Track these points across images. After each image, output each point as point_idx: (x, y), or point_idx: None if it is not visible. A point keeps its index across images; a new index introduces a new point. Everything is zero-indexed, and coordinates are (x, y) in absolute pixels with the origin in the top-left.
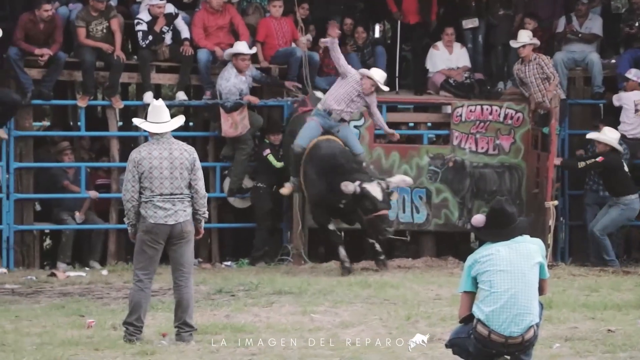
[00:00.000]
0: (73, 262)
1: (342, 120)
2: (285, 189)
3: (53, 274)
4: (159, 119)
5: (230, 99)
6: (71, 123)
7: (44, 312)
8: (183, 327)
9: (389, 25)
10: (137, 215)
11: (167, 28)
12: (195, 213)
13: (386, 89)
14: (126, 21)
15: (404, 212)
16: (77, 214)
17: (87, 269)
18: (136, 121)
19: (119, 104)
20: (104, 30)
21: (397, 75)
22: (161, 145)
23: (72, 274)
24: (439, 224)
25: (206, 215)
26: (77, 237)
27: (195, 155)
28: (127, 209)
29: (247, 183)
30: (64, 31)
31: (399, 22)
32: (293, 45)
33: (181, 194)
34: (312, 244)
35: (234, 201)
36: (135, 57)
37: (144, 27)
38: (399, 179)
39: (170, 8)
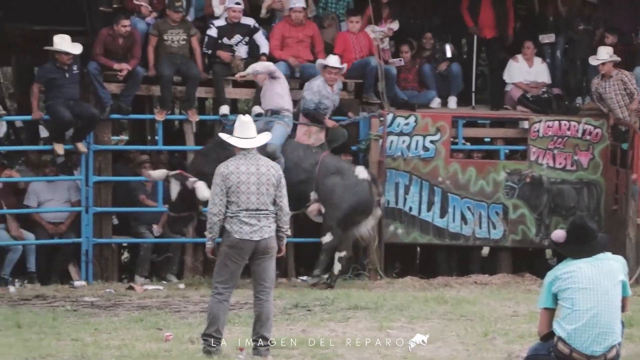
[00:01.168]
0: (151, 275)
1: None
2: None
3: (131, 287)
4: (246, 134)
5: (311, 104)
6: (149, 137)
7: (122, 325)
8: (261, 341)
9: (464, 41)
10: (221, 229)
11: (242, 39)
12: (278, 230)
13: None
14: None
15: (480, 227)
16: (154, 227)
17: (164, 282)
18: (223, 136)
19: (195, 117)
20: (181, 42)
21: (473, 90)
22: (248, 160)
23: (149, 287)
24: (516, 240)
25: (288, 232)
26: (155, 250)
27: (281, 172)
28: (212, 223)
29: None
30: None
31: (475, 36)
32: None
33: (266, 209)
34: (389, 259)
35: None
36: (211, 71)
37: (213, 32)
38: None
39: (250, 21)
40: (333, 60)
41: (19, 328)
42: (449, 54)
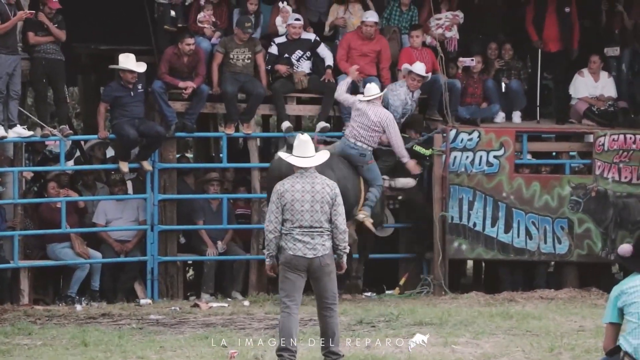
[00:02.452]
0: (215, 292)
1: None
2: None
3: (196, 305)
4: (305, 153)
5: (398, 111)
6: (213, 155)
7: (187, 342)
8: (330, 356)
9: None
10: (278, 247)
11: (303, 54)
12: (336, 248)
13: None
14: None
15: (545, 242)
16: (219, 243)
17: (229, 299)
18: (282, 155)
19: (250, 129)
20: (246, 60)
21: (538, 104)
22: (304, 178)
23: (214, 304)
24: (582, 255)
25: (347, 250)
26: (219, 268)
27: (337, 190)
28: (269, 240)
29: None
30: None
31: (539, 50)
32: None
33: (320, 227)
34: (453, 274)
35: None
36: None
37: (274, 49)
38: None
39: (310, 36)
40: (419, 67)
41: (86, 346)
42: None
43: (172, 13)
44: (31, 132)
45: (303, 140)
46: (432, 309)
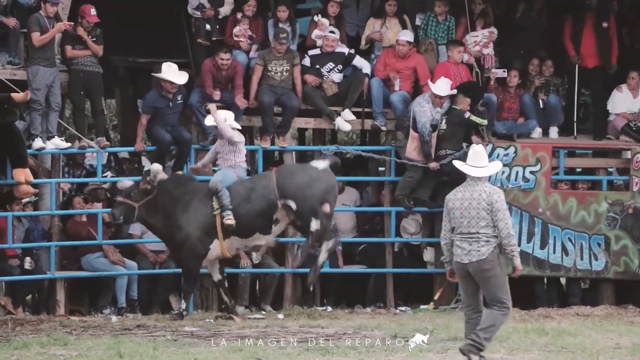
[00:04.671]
0: (250, 305)
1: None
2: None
3: (230, 317)
4: (479, 163)
5: (427, 126)
6: (249, 168)
7: (222, 354)
8: (468, 339)
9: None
10: (450, 254)
11: (335, 67)
12: (503, 252)
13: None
14: None
15: (582, 259)
16: (254, 255)
17: (263, 312)
18: (457, 164)
19: (285, 142)
20: (284, 73)
21: (575, 120)
22: (468, 187)
23: (249, 317)
24: (619, 272)
25: (514, 252)
26: (254, 280)
27: (496, 197)
28: (442, 247)
29: (410, 227)
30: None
31: (577, 66)
32: None
33: (477, 233)
34: None
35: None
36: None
37: (306, 61)
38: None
39: (344, 49)
40: (438, 88)
41: (121, 357)
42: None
43: (207, 27)
44: (69, 144)
45: (477, 151)
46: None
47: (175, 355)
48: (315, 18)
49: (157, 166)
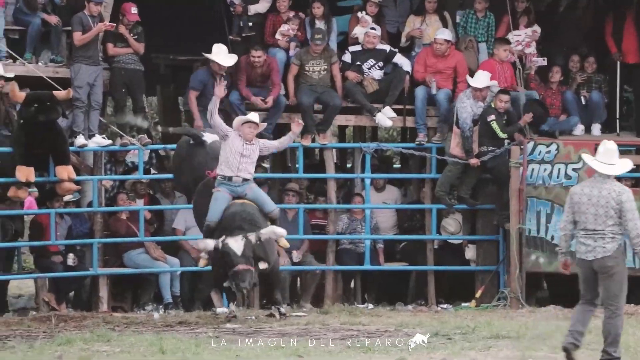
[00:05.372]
0: (291, 303)
1: (245, 180)
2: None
3: (272, 315)
4: (610, 160)
5: (467, 122)
6: (289, 165)
7: (263, 352)
8: (603, 355)
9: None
10: (567, 245)
11: (376, 64)
12: (633, 251)
13: (259, 121)
14: None
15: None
16: (294, 253)
17: (305, 309)
18: (586, 158)
19: (326, 140)
20: (322, 72)
21: (617, 117)
22: (596, 184)
23: (290, 314)
24: None
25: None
26: (294, 278)
27: (625, 196)
28: (559, 237)
29: (450, 227)
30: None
31: (618, 62)
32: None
33: (603, 230)
34: (530, 287)
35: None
36: (350, 100)
37: (347, 57)
38: (268, 231)
39: (386, 47)
40: (477, 80)
41: (163, 354)
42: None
43: (241, 23)
44: (110, 141)
45: (609, 148)
46: (509, 322)
47: (217, 352)
48: (359, 14)
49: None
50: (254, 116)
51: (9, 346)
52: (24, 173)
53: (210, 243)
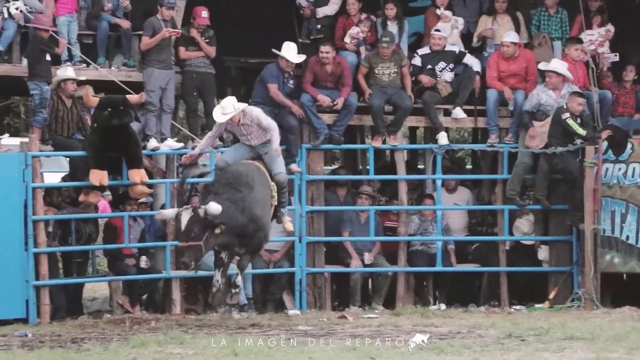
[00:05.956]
0: (363, 304)
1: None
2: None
3: (343, 316)
4: None
5: (530, 104)
6: (360, 167)
7: (335, 353)
8: None
9: None
10: None
11: (447, 66)
12: None
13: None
14: None
15: None
16: (366, 255)
17: (376, 311)
18: None
19: (396, 141)
20: (392, 75)
21: None
22: None
23: (362, 316)
24: None
25: None
26: (366, 280)
27: None
28: None
29: (523, 227)
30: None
31: None
32: None
33: None
34: (605, 288)
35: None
36: (420, 100)
37: (417, 61)
38: (212, 207)
39: (455, 48)
40: (554, 65)
41: (236, 356)
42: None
43: (310, 26)
44: (182, 144)
45: None
46: (583, 324)
47: (289, 354)
48: (438, 11)
49: (215, 207)
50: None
51: (85, 349)
52: (98, 177)
53: (167, 213)
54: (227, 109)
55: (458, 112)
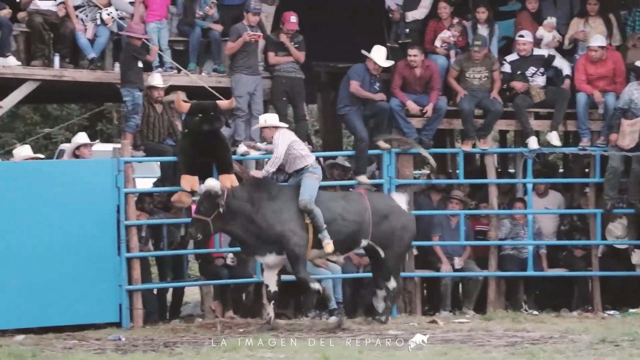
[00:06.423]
0: (453, 308)
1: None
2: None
3: (434, 321)
4: None
5: (622, 101)
6: (450, 170)
7: (426, 358)
8: None
9: None
10: None
11: (537, 70)
12: None
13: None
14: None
15: None
16: (456, 259)
17: (467, 316)
18: None
19: (487, 145)
20: (482, 79)
21: None
22: None
23: (453, 321)
24: None
25: None
26: (456, 285)
27: None
28: None
29: (616, 231)
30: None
31: None
32: None
33: None
34: None
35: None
36: (510, 104)
37: (506, 68)
38: (207, 182)
39: (543, 52)
40: None
41: None
42: None
43: (398, 30)
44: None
45: None
46: None
47: (380, 358)
48: (545, 21)
49: (211, 183)
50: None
51: (177, 352)
52: (189, 182)
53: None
54: (260, 121)
55: (553, 137)
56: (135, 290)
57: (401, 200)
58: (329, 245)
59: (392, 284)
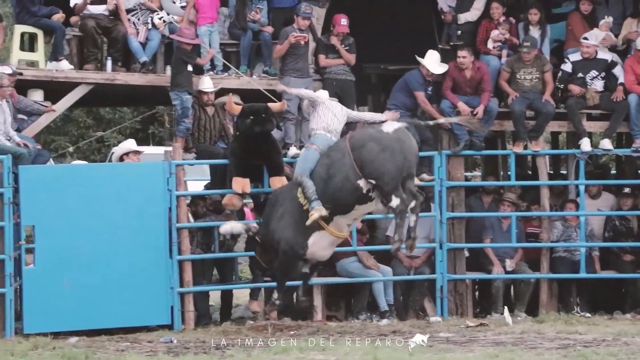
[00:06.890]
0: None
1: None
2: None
3: (483, 324)
4: None
5: None
6: (501, 172)
7: None
8: None
9: None
10: None
11: (598, 75)
12: None
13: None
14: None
15: None
16: (507, 262)
17: (519, 318)
18: None
19: (538, 146)
20: (533, 80)
21: None
22: None
23: (505, 322)
24: None
25: None
26: (508, 287)
27: None
28: None
29: None
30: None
31: None
32: None
33: None
34: None
35: None
36: (563, 105)
37: (568, 67)
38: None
39: (607, 56)
40: None
41: None
42: None
43: (450, 32)
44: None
45: None
46: None
47: None
48: (602, 22)
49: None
50: None
51: (228, 355)
52: (240, 184)
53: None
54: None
55: (606, 143)
56: (186, 293)
57: (389, 127)
58: (312, 216)
59: (394, 202)
